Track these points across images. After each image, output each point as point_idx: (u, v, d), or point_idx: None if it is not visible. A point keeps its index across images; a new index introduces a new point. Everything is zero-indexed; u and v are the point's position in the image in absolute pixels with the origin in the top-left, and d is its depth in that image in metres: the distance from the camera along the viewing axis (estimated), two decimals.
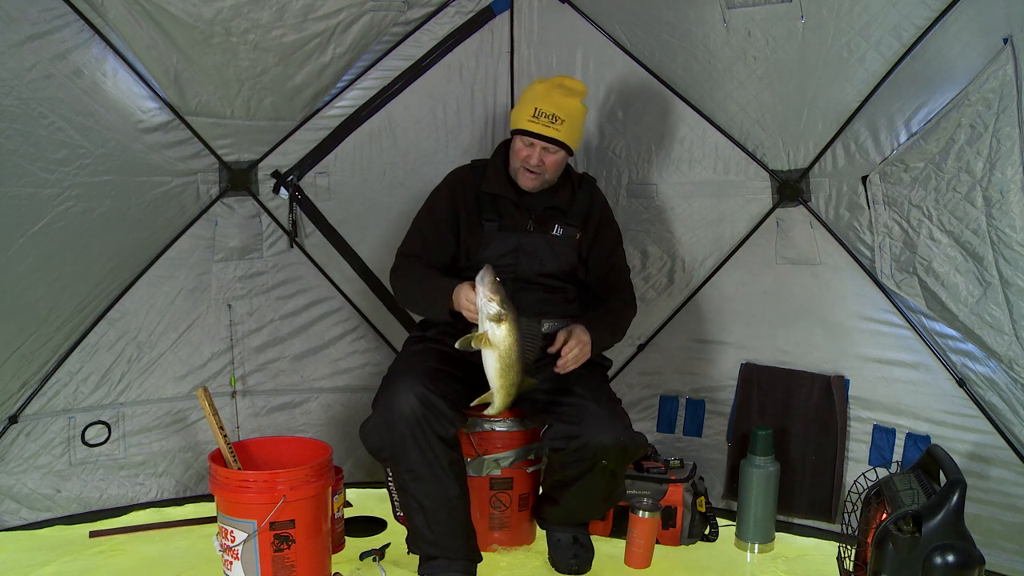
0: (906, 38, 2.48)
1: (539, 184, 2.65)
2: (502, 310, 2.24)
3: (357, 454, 3.16)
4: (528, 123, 2.57)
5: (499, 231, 2.64)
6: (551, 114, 2.56)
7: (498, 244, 2.64)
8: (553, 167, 2.63)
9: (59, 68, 2.54)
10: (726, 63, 2.83)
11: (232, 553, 2.38)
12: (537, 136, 2.57)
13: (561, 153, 2.61)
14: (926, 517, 1.97)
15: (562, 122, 2.57)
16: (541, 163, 2.60)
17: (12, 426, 2.79)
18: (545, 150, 2.59)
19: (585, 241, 2.72)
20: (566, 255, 2.68)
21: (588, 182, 2.80)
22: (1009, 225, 2.29)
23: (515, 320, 2.27)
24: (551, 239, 2.67)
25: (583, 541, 2.68)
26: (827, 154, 2.77)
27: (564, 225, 2.69)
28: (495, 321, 2.25)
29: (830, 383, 2.85)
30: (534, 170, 2.60)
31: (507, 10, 3.20)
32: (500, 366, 2.27)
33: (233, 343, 3.10)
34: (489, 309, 2.25)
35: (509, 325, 2.25)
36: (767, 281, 2.98)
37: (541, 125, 2.56)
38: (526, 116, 2.58)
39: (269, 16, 2.71)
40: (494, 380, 2.30)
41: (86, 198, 2.68)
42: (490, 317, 2.25)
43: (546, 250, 2.66)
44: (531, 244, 2.65)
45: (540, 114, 2.56)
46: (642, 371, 3.24)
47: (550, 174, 2.64)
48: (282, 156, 3.10)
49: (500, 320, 2.24)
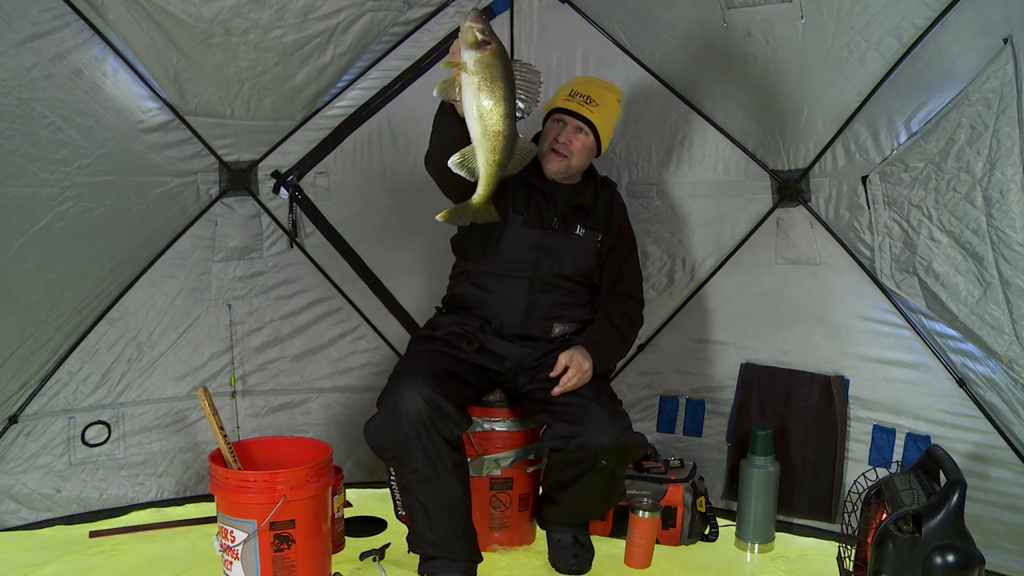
0: (906, 38, 2.48)
1: (564, 169, 2.61)
2: (483, 36, 1.85)
3: (357, 454, 3.16)
4: (563, 102, 2.60)
5: (523, 226, 2.61)
6: (587, 96, 2.58)
7: (520, 240, 2.61)
8: (580, 152, 2.60)
9: (59, 68, 2.54)
10: (726, 63, 2.83)
11: (232, 553, 2.38)
12: (570, 113, 2.57)
13: (591, 138, 2.60)
14: (926, 517, 1.97)
15: (597, 105, 2.58)
16: (569, 143, 2.58)
17: (12, 426, 2.79)
18: (577, 130, 2.58)
19: (605, 245, 2.70)
20: (586, 258, 2.66)
21: (609, 185, 2.79)
22: (1009, 225, 2.29)
23: (502, 51, 1.88)
24: (573, 239, 2.64)
25: (583, 541, 2.68)
26: (827, 154, 2.77)
27: (586, 227, 2.66)
28: (474, 48, 1.84)
29: (830, 383, 2.85)
30: (562, 151, 2.58)
31: (507, 10, 3.19)
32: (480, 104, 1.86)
33: (233, 343, 3.10)
34: (469, 36, 1.86)
35: (493, 53, 1.85)
36: (767, 281, 2.98)
37: (576, 103, 2.58)
38: (562, 96, 2.61)
39: (269, 16, 2.71)
40: (475, 128, 1.89)
41: (86, 198, 2.68)
42: (469, 44, 1.85)
43: (567, 251, 2.63)
44: (553, 244, 2.62)
45: (576, 94, 2.59)
46: (642, 371, 3.24)
47: (576, 159, 2.61)
48: (282, 156, 3.11)
49: (482, 46, 1.85)
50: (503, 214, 2.51)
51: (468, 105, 1.89)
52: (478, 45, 1.85)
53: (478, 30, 1.86)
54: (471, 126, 1.91)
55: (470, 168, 1.96)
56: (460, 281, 2.71)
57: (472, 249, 2.64)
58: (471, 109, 1.89)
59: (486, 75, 1.86)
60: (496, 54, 1.87)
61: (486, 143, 1.90)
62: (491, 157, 1.91)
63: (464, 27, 1.88)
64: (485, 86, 1.86)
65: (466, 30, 1.87)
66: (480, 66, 1.86)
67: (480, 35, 1.85)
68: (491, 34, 1.88)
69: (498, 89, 1.86)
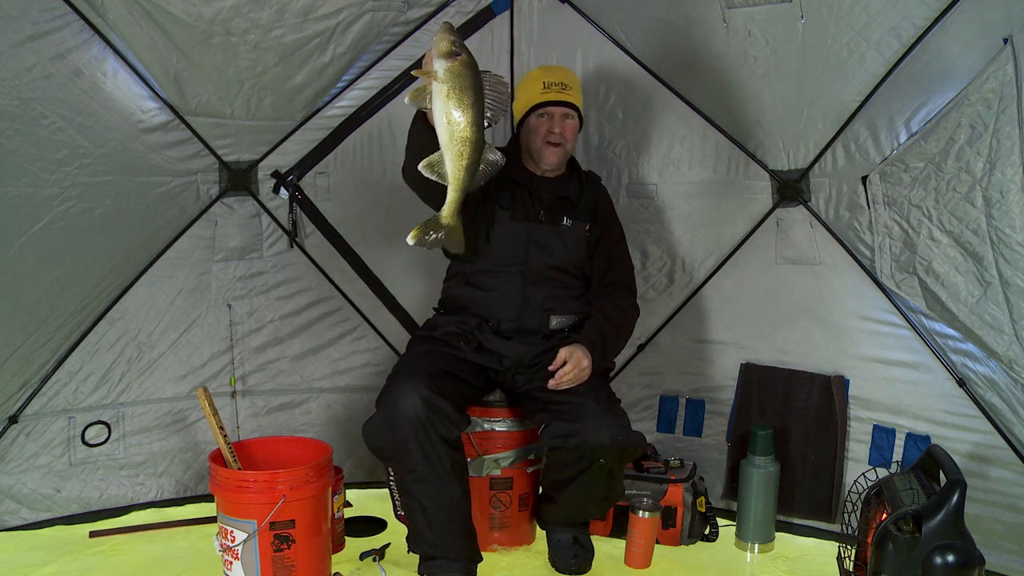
0: (906, 38, 2.48)
1: (563, 157, 2.68)
2: (454, 48, 1.94)
3: (357, 454, 3.16)
4: (541, 95, 2.62)
5: (510, 221, 2.63)
6: (560, 82, 2.63)
7: (509, 235, 2.63)
8: (572, 135, 2.67)
9: (59, 68, 2.54)
10: (726, 63, 2.83)
11: (232, 553, 2.38)
12: (555, 103, 2.61)
13: (576, 120, 2.67)
14: (926, 517, 1.97)
15: (570, 88, 2.64)
16: (563, 132, 2.62)
17: (12, 426, 2.79)
18: (565, 117, 2.63)
19: (593, 235, 2.72)
20: (576, 248, 2.68)
21: (594, 178, 2.82)
22: (1009, 225, 2.29)
23: (472, 62, 1.96)
24: (561, 230, 2.66)
25: (583, 541, 2.68)
26: (827, 154, 2.77)
27: (573, 218, 2.69)
28: (445, 57, 1.93)
29: (830, 383, 2.85)
30: (557, 140, 2.63)
31: (507, 10, 3.20)
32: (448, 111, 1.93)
33: (233, 343, 3.10)
34: (442, 45, 1.94)
35: (463, 63, 1.94)
36: (767, 281, 2.98)
37: (554, 93, 2.61)
38: (536, 92, 2.63)
39: (269, 16, 2.71)
40: (443, 134, 1.97)
41: (86, 198, 2.69)
42: (441, 53, 1.94)
43: (557, 242, 2.65)
44: (542, 236, 2.64)
45: (549, 84, 2.63)
46: (642, 371, 3.24)
47: (570, 143, 2.68)
48: (282, 156, 3.11)
49: (452, 56, 1.93)
50: (489, 213, 2.58)
51: (437, 112, 1.97)
52: (449, 55, 1.93)
53: (451, 41, 1.94)
54: (440, 132, 1.98)
55: (440, 173, 2.03)
56: (455, 282, 2.72)
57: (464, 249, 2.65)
58: (440, 116, 1.96)
59: (455, 84, 1.94)
60: (466, 64, 1.95)
61: (453, 148, 1.98)
62: (459, 162, 1.99)
63: (438, 37, 1.96)
64: (454, 94, 1.94)
65: (440, 40, 1.95)
66: (450, 75, 1.94)
67: (453, 46, 1.94)
68: (462, 46, 1.96)
69: (467, 97, 1.94)
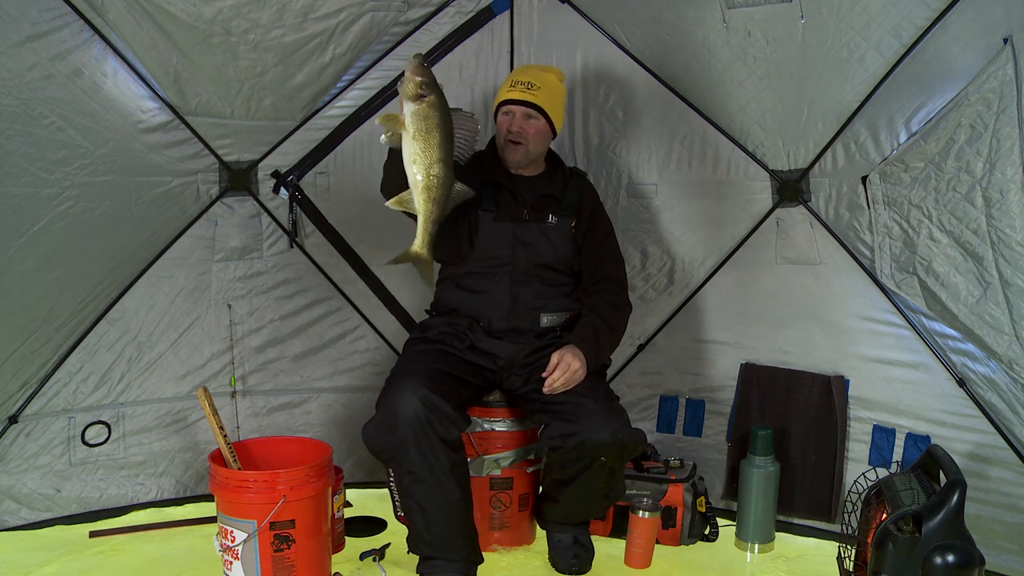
0: (906, 38, 2.48)
1: (523, 157, 2.65)
2: (421, 91, 1.94)
3: (357, 454, 3.16)
4: (506, 93, 2.64)
5: (494, 222, 2.63)
6: (527, 82, 2.63)
7: (494, 236, 2.62)
8: (535, 137, 2.63)
9: (59, 68, 2.54)
10: (726, 63, 2.83)
11: (232, 553, 2.38)
12: (516, 102, 2.61)
13: (542, 121, 2.64)
14: (926, 517, 1.97)
15: (539, 88, 2.62)
16: (522, 131, 2.61)
17: (12, 426, 2.79)
18: (526, 117, 2.62)
19: (579, 230, 2.71)
20: (562, 245, 2.67)
21: (578, 174, 2.82)
22: (1009, 225, 2.29)
23: (440, 102, 1.98)
24: (547, 228, 2.66)
25: (583, 541, 2.68)
26: (827, 154, 2.77)
27: (558, 215, 2.68)
28: (412, 100, 1.94)
29: (830, 383, 2.85)
30: (516, 139, 2.61)
31: (507, 10, 3.20)
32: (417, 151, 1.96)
33: (233, 343, 3.10)
34: (409, 88, 1.95)
35: (431, 104, 1.95)
36: (767, 281, 2.98)
37: (518, 92, 2.62)
38: (504, 89, 2.66)
39: (269, 16, 2.71)
40: (411, 173, 2.01)
41: (86, 198, 2.69)
42: (408, 96, 1.95)
43: (542, 240, 2.65)
44: (527, 235, 2.64)
45: (516, 83, 2.64)
46: (642, 371, 3.24)
47: (533, 145, 2.64)
48: (282, 156, 3.10)
49: (419, 99, 1.94)
50: (472, 216, 2.60)
51: (406, 152, 2.01)
52: (416, 98, 1.95)
53: (417, 83, 1.95)
54: (408, 171, 2.02)
55: (409, 208, 2.12)
56: (445, 286, 2.73)
57: (449, 255, 2.66)
58: (408, 156, 2.01)
59: (421, 126, 1.97)
60: (433, 105, 1.96)
61: (421, 185, 2.01)
62: (427, 198, 2.03)
63: (406, 76, 1.97)
64: (420, 136, 1.97)
65: (406, 81, 1.96)
66: (416, 118, 1.97)
67: (419, 88, 1.94)
68: (430, 85, 1.97)
69: (433, 138, 1.98)
